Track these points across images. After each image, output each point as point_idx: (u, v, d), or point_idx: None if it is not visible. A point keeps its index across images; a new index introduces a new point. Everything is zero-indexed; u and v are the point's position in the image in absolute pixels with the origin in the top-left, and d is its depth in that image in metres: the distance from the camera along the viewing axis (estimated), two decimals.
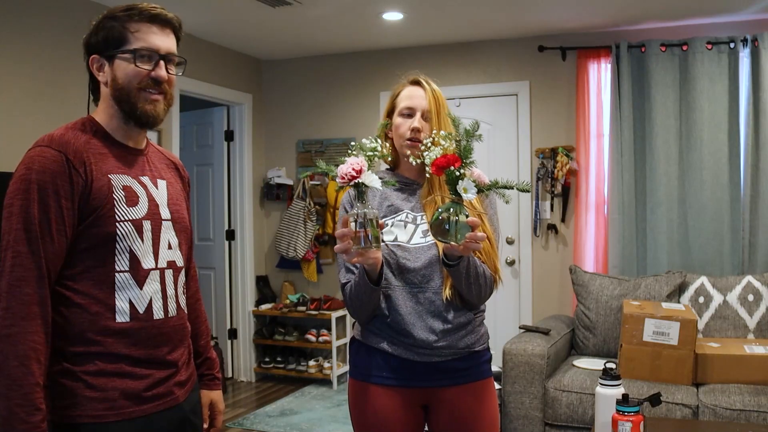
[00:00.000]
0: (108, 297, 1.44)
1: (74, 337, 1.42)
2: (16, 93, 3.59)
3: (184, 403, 1.58)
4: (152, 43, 1.48)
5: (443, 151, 1.78)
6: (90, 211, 1.42)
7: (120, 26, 1.47)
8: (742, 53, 4.32)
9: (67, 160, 1.40)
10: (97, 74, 1.51)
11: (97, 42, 1.49)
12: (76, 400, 1.41)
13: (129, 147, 1.55)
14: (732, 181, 4.35)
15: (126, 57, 1.47)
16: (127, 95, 1.48)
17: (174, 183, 1.65)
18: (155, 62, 1.49)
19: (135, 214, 1.48)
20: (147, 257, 1.50)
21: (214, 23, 4.56)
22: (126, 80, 1.48)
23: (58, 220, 1.39)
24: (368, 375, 1.95)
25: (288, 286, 5.55)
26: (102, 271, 1.44)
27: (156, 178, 1.59)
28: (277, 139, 5.67)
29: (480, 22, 4.57)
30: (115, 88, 1.49)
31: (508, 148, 5.01)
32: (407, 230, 1.90)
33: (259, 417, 4.50)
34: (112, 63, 1.48)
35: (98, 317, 1.43)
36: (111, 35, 1.47)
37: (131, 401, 1.45)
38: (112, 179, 1.46)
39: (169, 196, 1.60)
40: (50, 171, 1.39)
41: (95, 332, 1.42)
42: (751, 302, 3.86)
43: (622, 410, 2.34)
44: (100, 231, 1.43)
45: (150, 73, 1.49)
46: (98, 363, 1.42)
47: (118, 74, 1.48)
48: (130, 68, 1.47)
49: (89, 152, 1.45)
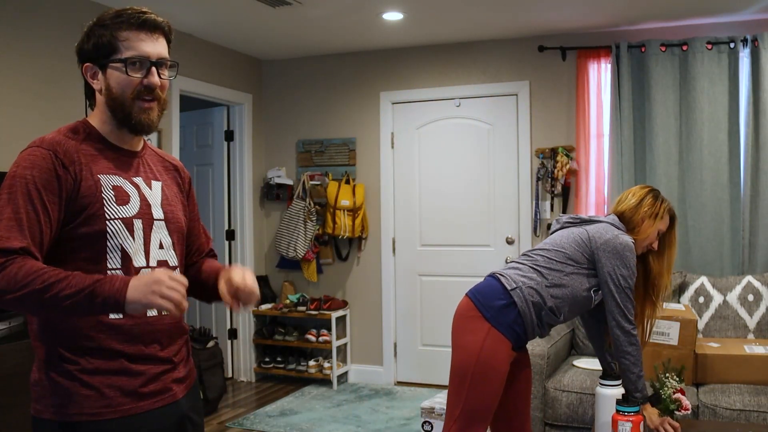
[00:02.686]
0: None
1: (69, 333, 1.43)
2: (16, 94, 3.59)
3: (183, 400, 1.58)
4: (142, 51, 1.48)
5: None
6: (79, 209, 1.44)
7: (109, 34, 1.47)
8: (742, 53, 4.32)
9: (55, 157, 1.43)
10: (92, 81, 1.52)
11: (89, 50, 1.50)
12: (73, 398, 1.42)
13: (123, 149, 1.56)
14: (732, 181, 4.35)
15: (117, 66, 1.48)
16: (121, 104, 1.49)
17: (171, 185, 1.66)
18: (147, 69, 1.49)
19: (125, 213, 1.49)
20: (138, 255, 1.51)
21: (214, 23, 4.56)
22: (119, 90, 1.49)
23: (44, 212, 1.41)
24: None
25: (288, 286, 5.55)
26: (94, 269, 1.44)
27: (150, 179, 1.60)
28: (277, 139, 5.67)
29: (480, 22, 4.57)
30: (110, 97, 1.50)
31: (508, 148, 5.01)
32: None
33: (259, 417, 4.50)
34: (105, 71, 1.49)
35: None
36: (101, 43, 1.48)
37: (128, 398, 1.46)
38: (102, 179, 1.48)
39: (164, 197, 1.61)
40: (38, 167, 1.42)
41: (89, 327, 1.44)
42: (751, 302, 3.86)
43: (622, 410, 2.35)
44: (90, 229, 1.45)
45: (142, 80, 1.49)
46: (93, 360, 1.44)
47: (111, 83, 1.49)
48: (122, 77, 1.48)
49: (80, 153, 1.47)
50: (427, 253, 5.27)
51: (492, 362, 2.34)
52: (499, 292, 2.41)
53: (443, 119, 5.21)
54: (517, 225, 4.97)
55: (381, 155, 5.34)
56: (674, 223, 2.65)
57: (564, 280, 2.44)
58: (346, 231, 5.23)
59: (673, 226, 2.65)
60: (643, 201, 2.59)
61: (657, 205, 2.59)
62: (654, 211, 2.57)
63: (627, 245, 2.45)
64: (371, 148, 5.39)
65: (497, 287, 2.43)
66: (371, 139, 5.39)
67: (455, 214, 5.17)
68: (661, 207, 2.59)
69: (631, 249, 2.46)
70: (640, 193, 2.63)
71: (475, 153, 5.12)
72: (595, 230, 2.51)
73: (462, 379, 2.37)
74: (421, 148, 5.27)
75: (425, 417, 3.47)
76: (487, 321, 2.37)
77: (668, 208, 2.62)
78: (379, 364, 5.36)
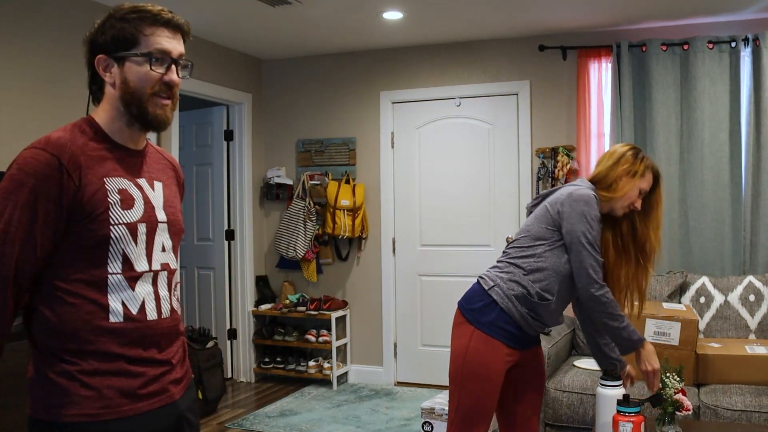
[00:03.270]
0: (101, 297, 1.44)
1: (69, 336, 1.42)
2: (15, 92, 3.58)
3: (180, 400, 1.58)
4: (165, 47, 1.48)
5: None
6: (84, 214, 1.42)
7: (132, 28, 1.45)
8: (744, 53, 4.31)
9: (60, 164, 1.39)
10: (104, 74, 1.49)
11: (105, 42, 1.47)
12: (72, 399, 1.41)
13: (129, 149, 1.54)
14: (733, 181, 4.34)
15: (138, 60, 1.46)
16: (139, 99, 1.47)
17: (170, 185, 1.65)
18: (167, 66, 1.48)
19: (130, 218, 1.48)
20: (140, 260, 1.50)
21: (214, 23, 4.55)
22: (139, 84, 1.47)
23: (44, 224, 1.39)
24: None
25: (288, 286, 5.54)
26: (95, 272, 1.44)
27: (153, 179, 1.58)
28: (276, 138, 5.66)
29: (480, 22, 4.56)
30: (126, 91, 1.47)
31: (509, 147, 5.00)
32: None
33: (259, 417, 4.49)
34: (123, 64, 1.47)
35: (92, 316, 1.43)
36: (122, 36, 1.46)
37: (127, 399, 1.45)
38: (107, 182, 1.46)
39: (165, 198, 1.60)
40: (42, 174, 1.38)
41: (89, 331, 1.43)
42: (753, 302, 3.85)
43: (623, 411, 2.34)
44: (94, 234, 1.43)
45: (162, 77, 1.48)
46: (92, 362, 1.43)
47: (130, 77, 1.47)
48: (143, 71, 1.46)
49: (85, 155, 1.44)
50: (427, 253, 5.26)
51: (479, 361, 2.33)
52: (478, 293, 2.40)
53: (443, 119, 5.20)
54: (518, 225, 4.96)
55: (381, 155, 5.33)
56: (659, 182, 2.52)
57: (539, 263, 2.36)
58: (346, 231, 5.22)
59: (658, 185, 2.52)
60: (621, 159, 2.48)
61: (636, 163, 2.46)
62: (633, 169, 2.45)
63: (581, 197, 2.34)
64: (371, 147, 5.38)
65: (477, 290, 2.42)
66: (371, 139, 5.38)
67: (455, 214, 5.16)
68: (641, 165, 2.46)
69: (588, 200, 2.34)
70: (619, 152, 2.51)
71: (475, 153, 5.11)
72: (552, 198, 2.44)
73: (455, 384, 2.39)
74: (422, 148, 5.26)
75: (425, 417, 3.47)
76: (470, 324, 2.36)
77: (649, 165, 2.48)
78: (379, 364, 5.35)
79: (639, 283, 2.54)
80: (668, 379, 2.49)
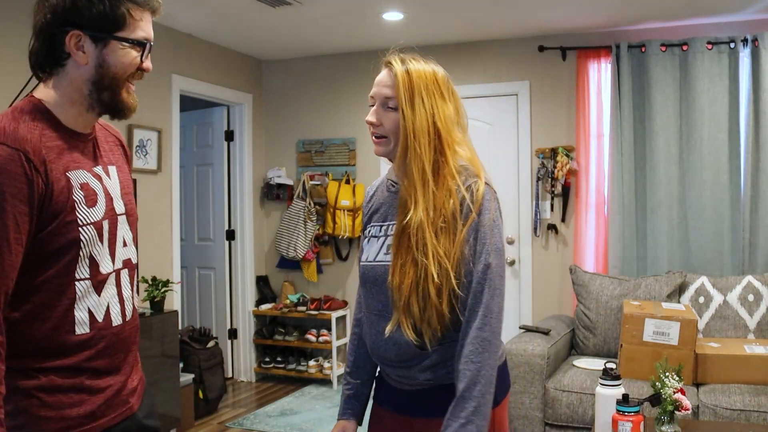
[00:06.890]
0: (67, 309, 1.33)
1: (30, 353, 1.30)
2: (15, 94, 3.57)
3: (138, 411, 1.50)
4: (149, 33, 1.38)
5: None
6: (51, 217, 1.29)
7: (124, 9, 1.32)
8: (743, 53, 4.32)
9: (26, 160, 1.24)
10: (74, 51, 1.32)
11: (90, 17, 1.30)
12: (30, 419, 1.29)
13: (79, 133, 1.39)
14: (732, 181, 4.34)
15: (123, 44, 1.34)
16: (115, 84, 1.36)
17: (122, 166, 1.53)
18: (146, 53, 1.39)
19: (95, 216, 1.36)
20: (105, 260, 1.39)
21: (214, 23, 4.56)
22: (120, 68, 1.35)
23: (15, 228, 1.23)
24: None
25: (288, 286, 5.55)
26: (62, 281, 1.31)
27: (107, 164, 1.46)
28: (277, 139, 5.67)
29: (480, 22, 4.57)
30: (103, 75, 1.34)
31: (508, 148, 5.01)
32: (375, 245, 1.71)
33: (259, 417, 4.50)
34: (105, 45, 1.33)
35: (56, 331, 1.32)
36: (112, 15, 1.31)
37: (87, 418, 1.35)
38: (71, 177, 1.32)
39: (121, 185, 1.48)
40: (8, 172, 1.22)
41: (53, 347, 1.31)
42: (752, 302, 3.86)
43: (623, 410, 2.35)
44: (63, 238, 1.30)
45: (141, 63, 1.39)
46: (54, 378, 1.31)
47: (111, 60, 1.33)
48: (128, 58, 1.35)
49: (46, 147, 1.29)
50: None
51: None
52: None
53: None
54: (517, 225, 4.96)
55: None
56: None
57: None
58: (346, 231, 5.23)
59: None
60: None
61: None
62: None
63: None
64: (371, 147, 5.37)
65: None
66: (371, 139, 5.38)
67: None
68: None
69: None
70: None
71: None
72: None
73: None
74: None
75: None
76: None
77: None
78: None
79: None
80: (667, 378, 2.50)
